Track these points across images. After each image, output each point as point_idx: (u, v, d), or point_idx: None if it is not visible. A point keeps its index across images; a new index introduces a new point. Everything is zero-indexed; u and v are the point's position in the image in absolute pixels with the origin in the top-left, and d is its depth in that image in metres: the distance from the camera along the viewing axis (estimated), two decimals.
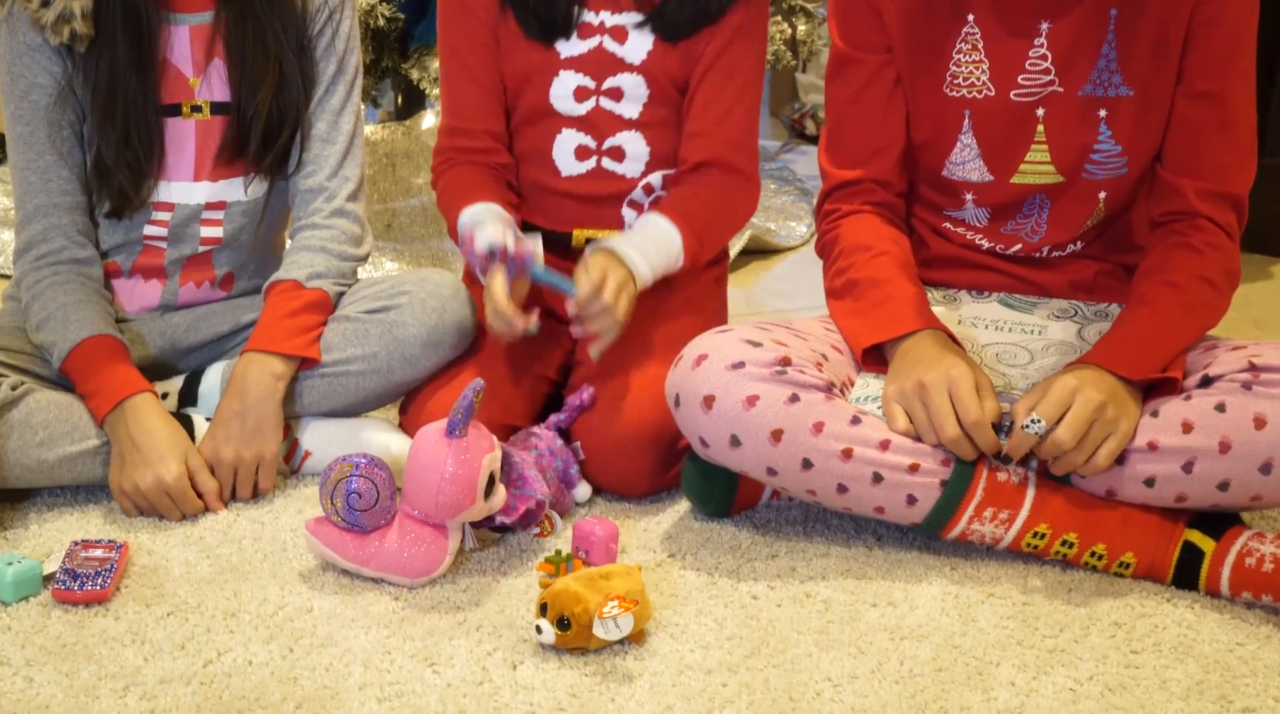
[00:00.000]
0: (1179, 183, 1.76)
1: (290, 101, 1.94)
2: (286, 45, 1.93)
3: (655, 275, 1.88)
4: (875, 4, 1.82)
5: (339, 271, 1.95)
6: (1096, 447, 1.61)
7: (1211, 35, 1.72)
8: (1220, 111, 1.74)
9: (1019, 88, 1.78)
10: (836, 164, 1.88)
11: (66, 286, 1.88)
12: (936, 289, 1.91)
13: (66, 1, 1.80)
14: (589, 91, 1.97)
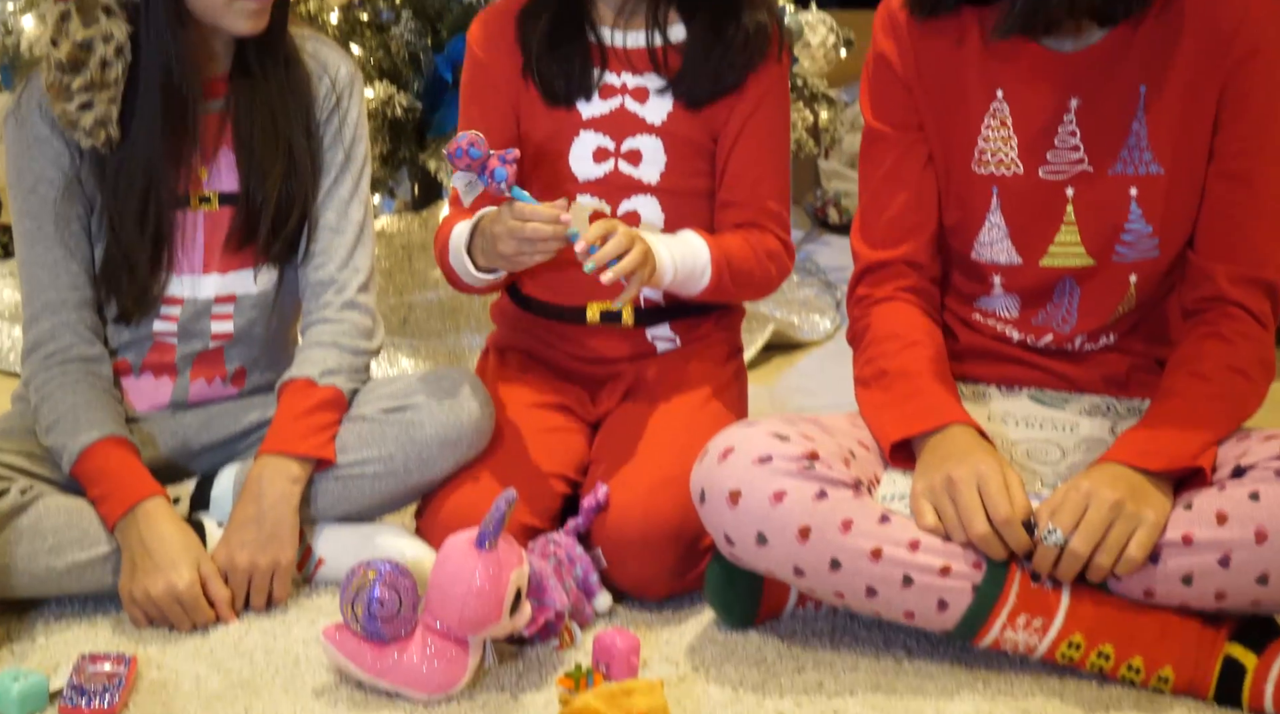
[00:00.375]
0: (1210, 267, 1.75)
1: (299, 188, 1.95)
2: (295, 131, 1.94)
3: (675, 270, 1.87)
4: (906, 80, 1.84)
5: (352, 367, 1.94)
6: (1123, 545, 1.59)
7: (1241, 112, 1.72)
8: (1251, 192, 1.74)
9: (1048, 164, 1.78)
10: (869, 244, 1.88)
11: (76, 386, 1.87)
12: (965, 384, 1.90)
13: (106, 106, 1.81)
14: (608, 153, 1.98)
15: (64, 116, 1.81)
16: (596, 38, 1.98)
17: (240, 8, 1.82)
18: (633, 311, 2.03)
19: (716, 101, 1.97)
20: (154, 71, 1.83)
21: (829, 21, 3.31)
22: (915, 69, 1.83)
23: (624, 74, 1.98)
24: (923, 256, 1.86)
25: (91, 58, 1.78)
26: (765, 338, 3.06)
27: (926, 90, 1.83)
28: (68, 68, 1.78)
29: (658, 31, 1.96)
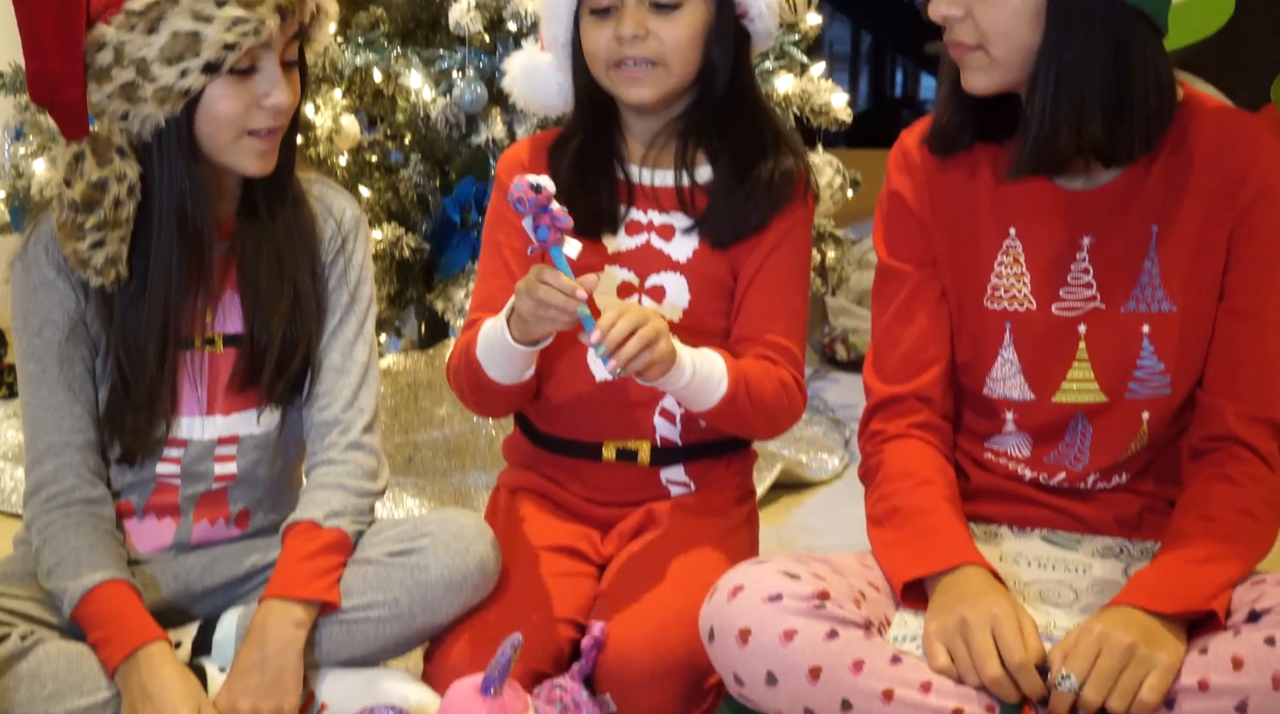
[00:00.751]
0: (1218, 405, 1.77)
1: (303, 330, 1.96)
2: (301, 273, 1.96)
3: (694, 369, 1.86)
4: (920, 217, 1.87)
5: (357, 509, 1.95)
6: (1136, 689, 1.58)
7: (1251, 251, 1.75)
8: (1261, 331, 1.76)
9: (1061, 301, 1.81)
10: (882, 379, 1.90)
11: (78, 529, 1.87)
12: (977, 524, 1.90)
13: (117, 245, 1.83)
14: (632, 288, 2.00)
15: (75, 256, 1.83)
16: (625, 174, 2.02)
17: (247, 146, 1.85)
18: (649, 451, 2.04)
19: (741, 242, 2.00)
20: (168, 211, 1.85)
21: (835, 163, 3.37)
22: (930, 206, 1.87)
23: (650, 211, 2.01)
24: (935, 392, 1.88)
25: (105, 197, 1.81)
26: (773, 476, 3.06)
27: (940, 227, 1.87)
28: (81, 207, 1.81)
29: (685, 171, 2.00)
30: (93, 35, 1.78)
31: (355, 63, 2.80)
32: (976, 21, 1.72)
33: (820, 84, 3.28)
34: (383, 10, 2.90)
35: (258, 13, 1.78)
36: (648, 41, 1.92)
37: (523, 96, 2.11)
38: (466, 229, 2.85)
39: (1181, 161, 1.77)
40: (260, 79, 1.83)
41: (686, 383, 1.85)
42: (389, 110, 2.93)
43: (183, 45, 1.76)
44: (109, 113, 1.80)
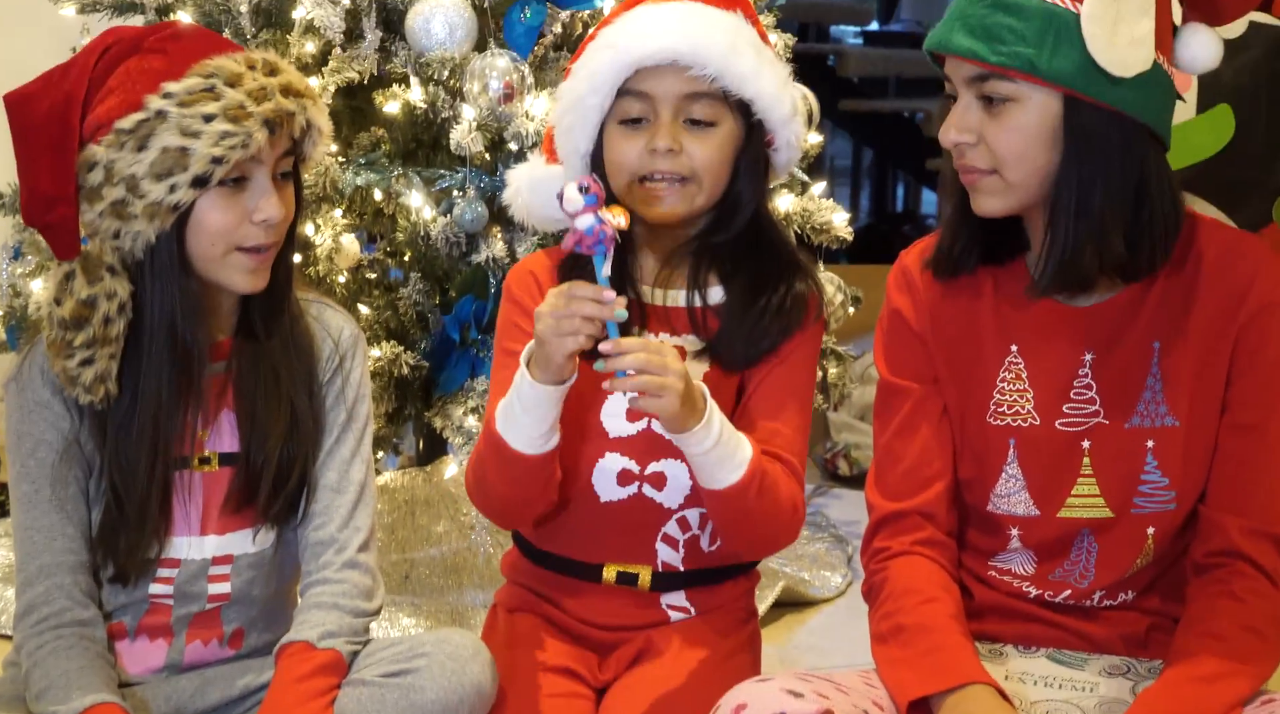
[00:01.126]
0: (1222, 520, 1.77)
1: (300, 450, 1.97)
2: (298, 393, 1.97)
3: (721, 433, 1.82)
4: (921, 334, 1.89)
5: (352, 629, 1.94)
6: None
7: (1254, 365, 1.77)
8: (1264, 445, 1.77)
9: (1064, 417, 1.82)
10: (884, 495, 1.90)
11: (69, 652, 1.86)
12: (982, 643, 1.90)
13: (107, 362, 1.85)
14: (639, 414, 1.96)
15: (64, 373, 1.85)
16: (636, 294, 2.00)
17: (238, 262, 1.87)
18: (650, 575, 2.02)
19: (752, 366, 1.99)
20: (159, 328, 1.87)
21: (837, 281, 3.39)
22: (930, 324, 1.89)
23: (662, 333, 2.00)
24: (939, 508, 1.88)
25: (95, 314, 1.83)
26: (775, 595, 3.04)
27: (942, 345, 1.89)
28: (70, 325, 1.83)
29: (697, 292, 1.99)
30: (84, 155, 1.82)
31: (356, 182, 2.83)
32: (990, 146, 1.75)
33: (821, 203, 3.31)
34: (384, 130, 2.94)
35: (245, 126, 1.81)
36: (680, 157, 1.92)
37: (526, 209, 2.11)
38: (466, 347, 2.86)
39: (1183, 278, 1.79)
40: (251, 193, 1.86)
41: (712, 446, 1.81)
42: (389, 229, 2.95)
43: (172, 161, 1.80)
44: (101, 232, 1.83)
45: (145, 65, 1.84)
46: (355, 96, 2.98)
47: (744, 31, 1.95)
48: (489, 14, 2.90)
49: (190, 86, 1.82)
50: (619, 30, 1.94)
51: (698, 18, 1.93)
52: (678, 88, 1.91)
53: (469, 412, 2.82)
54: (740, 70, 1.91)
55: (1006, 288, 1.86)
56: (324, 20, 2.82)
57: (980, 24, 1.72)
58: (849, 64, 7.13)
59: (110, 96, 1.83)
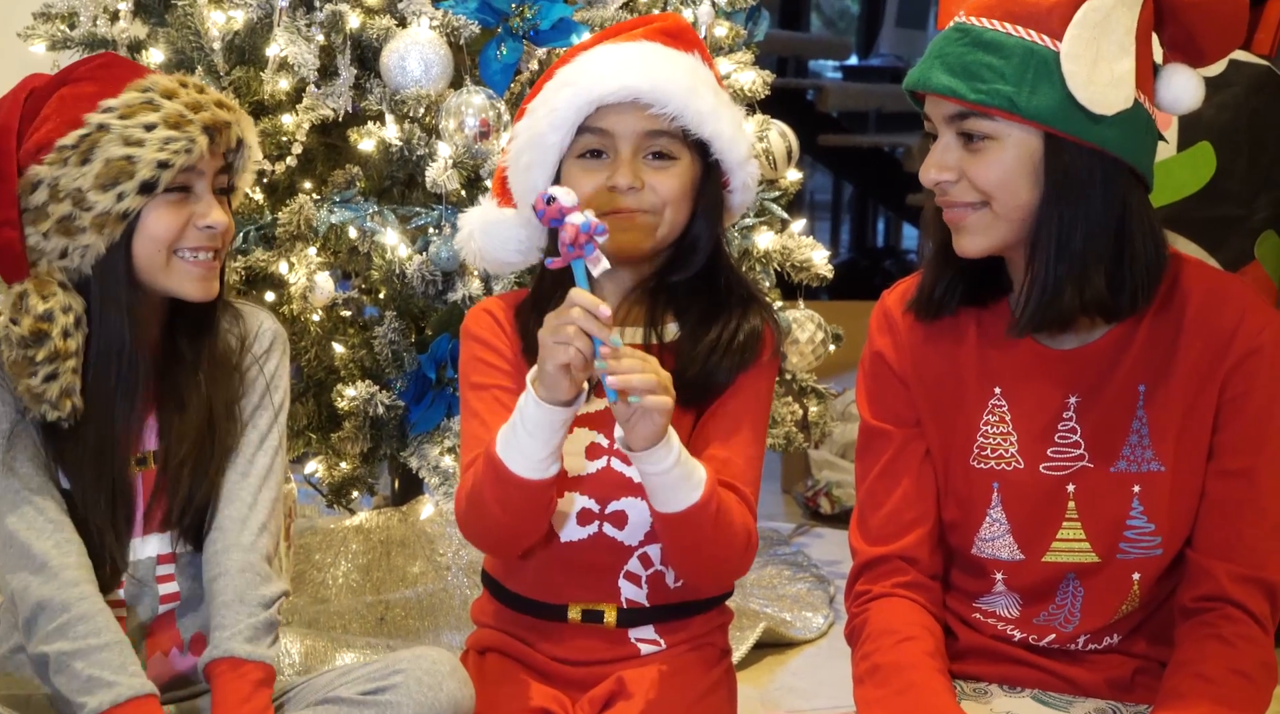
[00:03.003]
0: (1210, 565, 1.77)
1: (215, 461, 1.98)
2: (217, 402, 1.99)
3: (680, 457, 1.82)
4: (903, 377, 1.89)
5: (266, 623, 1.93)
6: None
7: (1240, 411, 1.77)
8: (1252, 491, 1.77)
9: (1048, 461, 1.82)
10: (866, 540, 1.91)
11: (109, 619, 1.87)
12: (967, 682, 1.90)
13: (70, 376, 1.87)
14: (601, 450, 1.99)
15: (28, 392, 1.87)
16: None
17: (184, 269, 1.92)
18: (615, 612, 2.02)
19: (705, 401, 2.00)
20: (108, 340, 1.90)
21: (817, 318, 3.40)
22: (912, 366, 1.89)
23: None
24: (921, 552, 1.88)
25: (54, 328, 1.86)
26: (755, 636, 3.04)
27: (924, 387, 1.89)
28: (30, 341, 1.85)
29: (653, 331, 2.00)
30: (25, 178, 1.87)
31: (331, 220, 2.83)
32: (972, 182, 1.75)
33: (801, 240, 3.32)
34: (359, 168, 2.94)
35: (187, 132, 1.87)
36: (643, 193, 1.94)
37: (479, 253, 2.09)
38: (442, 386, 2.85)
39: (1168, 321, 1.79)
40: (194, 200, 1.91)
41: (670, 467, 1.81)
42: (364, 267, 2.94)
43: (117, 170, 1.85)
44: (48, 253, 1.88)
45: (79, 91, 1.90)
46: (330, 134, 2.98)
47: (701, 72, 1.99)
48: (465, 51, 2.91)
49: (129, 100, 1.88)
50: (579, 69, 1.97)
51: (657, 57, 1.96)
52: (638, 125, 1.94)
53: (445, 451, 2.81)
54: (699, 109, 1.95)
55: (989, 330, 1.86)
56: (298, 57, 2.82)
57: (959, 62, 1.73)
58: (828, 99, 7.16)
59: (46, 123, 1.88)
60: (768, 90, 3.27)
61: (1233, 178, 2.84)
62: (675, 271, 2.01)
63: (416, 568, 3.11)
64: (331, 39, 2.89)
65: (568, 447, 1.95)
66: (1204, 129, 2.83)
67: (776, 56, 7.02)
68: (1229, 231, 2.87)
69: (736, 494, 1.93)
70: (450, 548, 3.22)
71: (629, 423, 1.76)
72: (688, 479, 1.83)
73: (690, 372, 1.98)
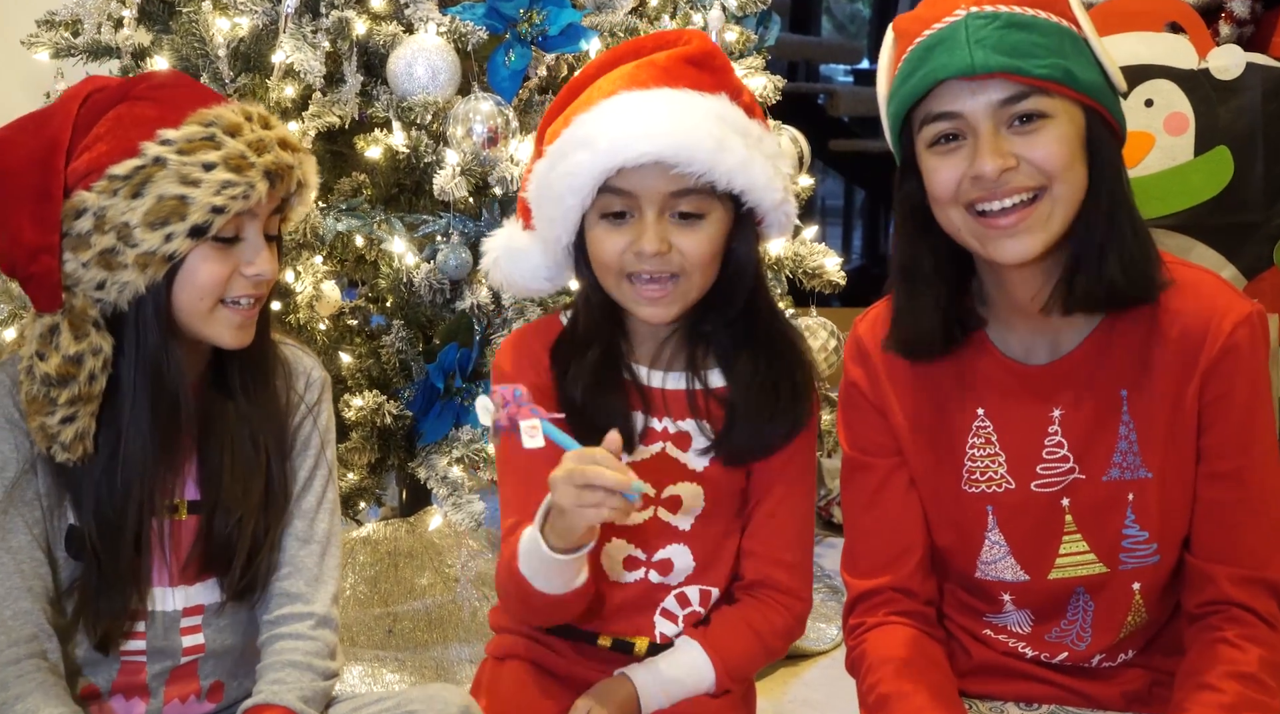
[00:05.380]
0: (1211, 570, 1.77)
1: (274, 520, 1.95)
2: (274, 458, 1.95)
3: (670, 702, 1.89)
4: (880, 406, 1.87)
5: (323, 694, 1.92)
6: None
7: (1224, 412, 1.75)
8: (1245, 492, 1.76)
9: (1039, 478, 1.81)
10: (856, 574, 1.91)
11: (55, 689, 1.82)
12: (982, 702, 1.90)
13: (88, 420, 1.82)
14: (648, 501, 1.97)
15: (42, 430, 1.82)
16: (633, 377, 1.97)
17: (224, 317, 1.86)
18: (647, 645, 2.02)
19: (755, 461, 1.99)
20: (141, 383, 1.84)
21: (829, 326, 3.40)
22: (890, 395, 1.87)
23: (665, 419, 1.98)
24: (913, 582, 1.88)
25: (81, 372, 1.80)
26: None
27: (904, 415, 1.87)
28: (55, 382, 1.80)
29: (696, 378, 1.97)
30: (70, 203, 1.79)
31: (337, 228, 2.82)
32: (1035, 164, 1.69)
33: (813, 247, 3.32)
34: (365, 175, 2.94)
35: (247, 177, 1.80)
36: (669, 256, 1.86)
37: (504, 280, 2.05)
38: (450, 396, 2.85)
39: (1143, 324, 1.77)
40: (243, 248, 1.85)
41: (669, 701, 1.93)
42: (371, 275, 2.95)
43: (169, 209, 1.77)
44: (84, 282, 1.80)
45: (136, 112, 1.83)
46: (336, 141, 2.98)
47: (730, 117, 1.87)
48: (473, 57, 2.91)
49: (190, 134, 1.81)
50: (597, 126, 1.85)
51: (681, 112, 1.83)
52: (663, 186, 1.84)
53: (453, 462, 2.81)
54: (729, 164, 1.83)
55: (968, 354, 1.84)
56: (304, 64, 2.82)
57: (1001, 42, 1.67)
58: (840, 103, 7.14)
59: (98, 143, 1.80)
60: (779, 95, 3.27)
61: (1250, 183, 2.84)
62: (711, 318, 1.96)
63: (425, 580, 3.11)
64: (338, 45, 2.89)
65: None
66: (1221, 134, 2.82)
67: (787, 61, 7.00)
68: (1246, 238, 2.87)
69: (776, 572, 1.99)
70: (459, 559, 3.23)
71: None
72: (693, 692, 1.95)
73: (741, 436, 1.95)
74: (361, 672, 2.89)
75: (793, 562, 2.01)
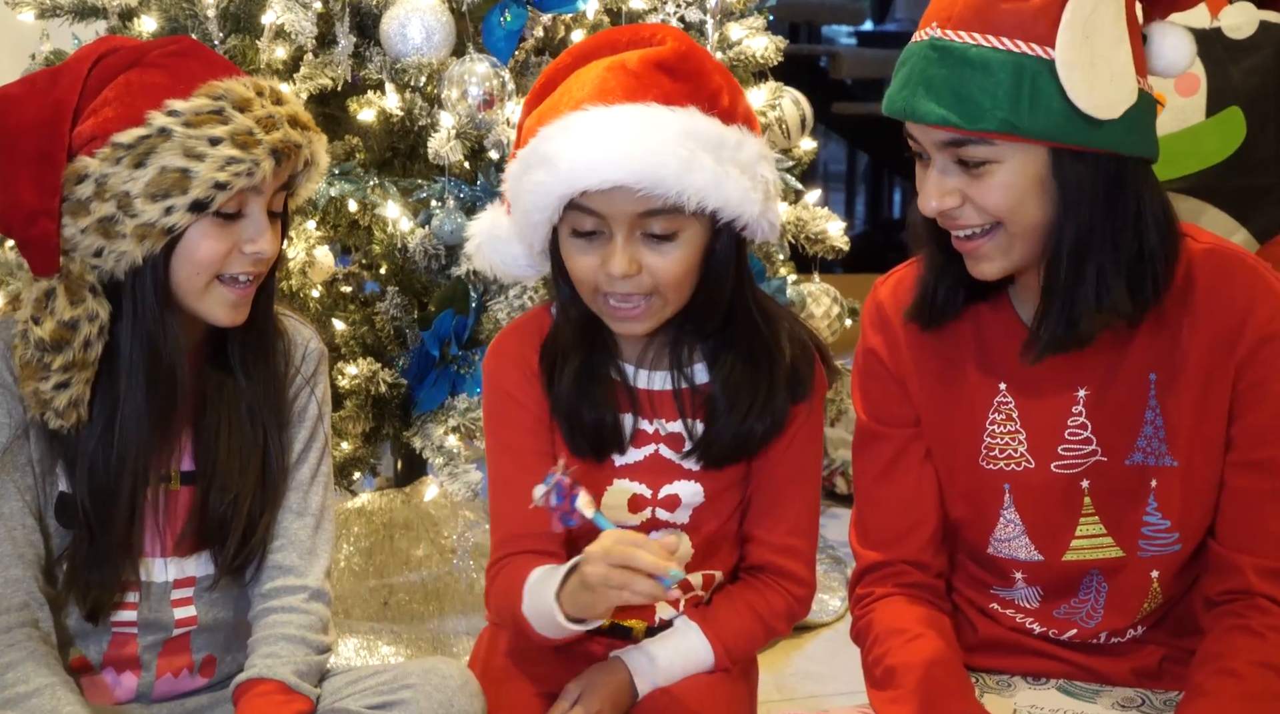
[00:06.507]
0: (1236, 559, 1.76)
1: (271, 500, 1.96)
2: (271, 438, 1.96)
3: (668, 682, 1.91)
4: (899, 375, 1.87)
5: (316, 668, 1.93)
6: None
7: (1259, 400, 1.74)
8: (1275, 481, 1.75)
9: (1060, 459, 1.80)
10: (866, 545, 1.91)
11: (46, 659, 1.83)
12: (989, 675, 1.90)
13: (82, 387, 1.83)
14: (645, 501, 1.97)
15: (36, 396, 1.82)
16: (621, 377, 1.96)
17: (220, 295, 1.86)
18: (645, 629, 2.02)
19: (739, 463, 1.98)
20: (138, 353, 1.85)
21: (832, 292, 3.40)
22: (910, 364, 1.86)
23: (657, 420, 1.97)
24: (924, 555, 1.88)
25: (76, 337, 1.80)
26: None
27: (924, 385, 1.86)
28: (50, 347, 1.80)
29: (681, 377, 1.95)
30: (73, 167, 1.79)
31: (330, 193, 2.82)
32: (979, 206, 1.68)
33: (815, 212, 3.31)
34: (359, 139, 2.93)
35: (253, 154, 1.80)
36: (640, 277, 1.82)
37: (489, 266, 2.01)
38: (446, 364, 2.85)
39: (1175, 305, 1.75)
40: (245, 225, 1.85)
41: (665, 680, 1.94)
42: (365, 241, 2.94)
43: (170, 182, 1.77)
44: (82, 248, 1.80)
45: (146, 79, 1.82)
46: (328, 104, 2.97)
47: (700, 132, 1.80)
48: (468, 18, 2.90)
49: (198, 107, 1.80)
50: (559, 144, 1.79)
51: (646, 132, 1.77)
52: (631, 207, 1.79)
53: (449, 431, 2.81)
54: (698, 185, 1.77)
55: (990, 325, 1.83)
56: (295, 25, 2.81)
57: (945, 86, 1.64)
58: (842, 66, 7.13)
59: (106, 108, 1.80)
60: (780, 57, 3.25)
61: (1263, 145, 2.82)
62: (691, 324, 1.93)
63: (421, 551, 3.12)
64: (329, 6, 2.89)
65: (609, 500, 1.96)
66: (1233, 94, 2.81)
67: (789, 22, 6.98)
68: (1259, 201, 2.85)
69: (779, 557, 2.00)
70: (455, 530, 3.23)
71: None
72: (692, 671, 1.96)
73: (722, 438, 1.94)
74: (357, 645, 2.89)
75: (796, 547, 2.01)
